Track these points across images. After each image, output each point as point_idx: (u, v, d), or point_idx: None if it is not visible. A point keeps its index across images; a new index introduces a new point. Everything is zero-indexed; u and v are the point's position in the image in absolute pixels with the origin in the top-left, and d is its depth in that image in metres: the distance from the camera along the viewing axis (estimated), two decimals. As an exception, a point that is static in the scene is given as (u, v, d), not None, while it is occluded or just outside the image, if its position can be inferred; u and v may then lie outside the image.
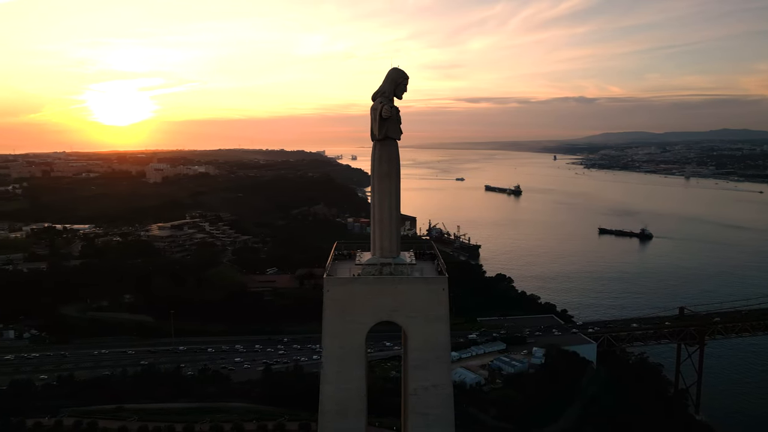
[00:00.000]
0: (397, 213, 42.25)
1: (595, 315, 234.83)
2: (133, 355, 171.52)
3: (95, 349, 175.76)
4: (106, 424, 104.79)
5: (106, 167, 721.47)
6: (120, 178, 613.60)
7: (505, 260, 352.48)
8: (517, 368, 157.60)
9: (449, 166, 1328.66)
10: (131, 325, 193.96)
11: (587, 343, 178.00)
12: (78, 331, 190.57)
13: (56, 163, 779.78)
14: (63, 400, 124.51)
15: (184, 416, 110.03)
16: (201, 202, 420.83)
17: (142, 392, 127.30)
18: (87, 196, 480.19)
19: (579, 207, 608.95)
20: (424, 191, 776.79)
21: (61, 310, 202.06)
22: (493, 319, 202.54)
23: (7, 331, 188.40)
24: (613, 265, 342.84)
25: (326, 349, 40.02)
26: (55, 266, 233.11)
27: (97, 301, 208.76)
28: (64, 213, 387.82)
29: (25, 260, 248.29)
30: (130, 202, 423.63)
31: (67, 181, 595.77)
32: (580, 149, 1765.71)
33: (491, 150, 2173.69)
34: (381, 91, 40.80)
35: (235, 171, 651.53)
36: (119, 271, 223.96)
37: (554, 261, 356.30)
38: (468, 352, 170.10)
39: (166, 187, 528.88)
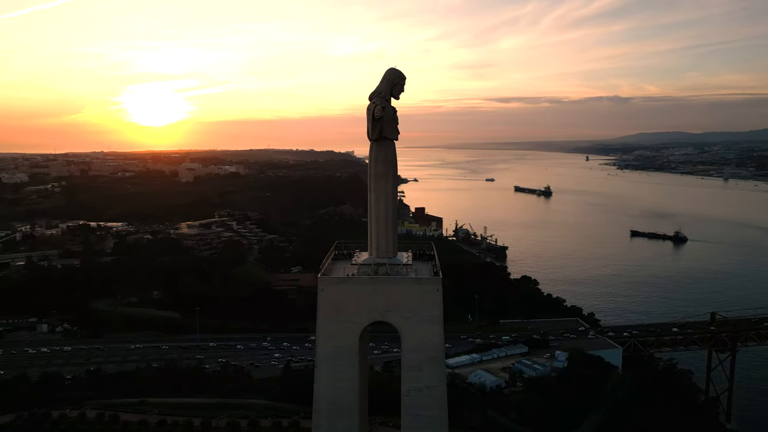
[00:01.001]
0: (394, 213, 42.19)
1: (623, 319, 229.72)
2: (159, 350, 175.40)
3: (124, 344, 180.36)
4: (128, 417, 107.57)
5: (141, 167, 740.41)
6: (154, 177, 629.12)
7: (532, 262, 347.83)
8: (539, 372, 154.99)
9: (478, 166, 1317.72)
10: (159, 320, 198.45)
11: (613, 348, 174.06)
12: (108, 325, 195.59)
13: (94, 162, 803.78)
14: (89, 392, 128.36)
15: (203, 411, 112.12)
16: (230, 201, 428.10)
17: (164, 386, 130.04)
18: (122, 194, 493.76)
19: (611, 208, 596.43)
20: (452, 192, 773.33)
21: (93, 305, 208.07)
22: (515, 321, 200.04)
23: (41, 325, 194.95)
24: (644, 269, 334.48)
25: (320, 348, 40.28)
26: (87, 262, 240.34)
27: (126, 297, 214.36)
28: (99, 211, 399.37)
29: (60, 256, 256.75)
30: (162, 200, 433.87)
31: (104, 180, 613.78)
32: (614, 150, 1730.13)
33: (522, 150, 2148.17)
34: (377, 91, 40.79)
35: (264, 171, 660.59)
36: (148, 268, 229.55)
37: (583, 263, 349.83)
38: (489, 355, 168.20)
39: (197, 187, 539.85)
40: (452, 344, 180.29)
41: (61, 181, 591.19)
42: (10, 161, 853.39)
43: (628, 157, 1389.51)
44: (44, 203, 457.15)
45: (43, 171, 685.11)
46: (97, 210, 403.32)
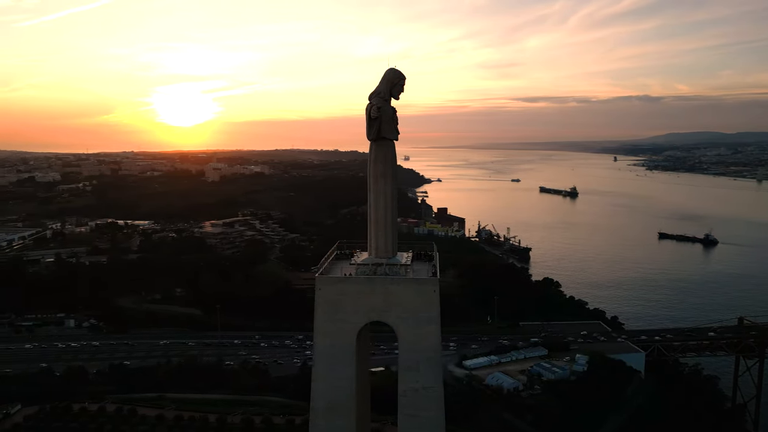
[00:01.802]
0: (393, 214, 42.12)
1: (648, 323, 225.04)
2: (180, 346, 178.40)
3: (148, 340, 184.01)
4: (146, 411, 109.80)
5: (169, 166, 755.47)
6: (181, 176, 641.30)
7: (556, 264, 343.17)
8: (558, 375, 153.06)
9: (503, 166, 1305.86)
10: (181, 317, 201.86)
11: (635, 352, 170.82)
12: (133, 322, 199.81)
13: (124, 162, 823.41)
14: (111, 386, 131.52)
15: (219, 407, 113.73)
16: (254, 200, 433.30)
17: (184, 382, 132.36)
18: (149, 193, 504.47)
19: (639, 210, 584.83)
20: (476, 192, 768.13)
21: (118, 301, 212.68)
22: (535, 323, 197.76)
23: (69, 320, 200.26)
24: (672, 272, 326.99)
25: (317, 347, 40.51)
26: (114, 260, 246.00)
27: (151, 294, 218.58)
28: (128, 209, 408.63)
29: (88, 253, 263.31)
30: (188, 199, 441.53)
31: (133, 179, 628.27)
32: (643, 150, 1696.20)
33: (548, 150, 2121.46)
34: (377, 91, 40.81)
35: (288, 171, 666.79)
36: (172, 266, 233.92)
37: (608, 266, 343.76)
38: (507, 357, 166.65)
39: (222, 186, 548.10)
40: (470, 345, 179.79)
41: (92, 180, 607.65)
42: (44, 160, 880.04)
43: (658, 158, 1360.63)
44: (75, 202, 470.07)
45: (76, 170, 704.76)
46: (126, 208, 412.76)
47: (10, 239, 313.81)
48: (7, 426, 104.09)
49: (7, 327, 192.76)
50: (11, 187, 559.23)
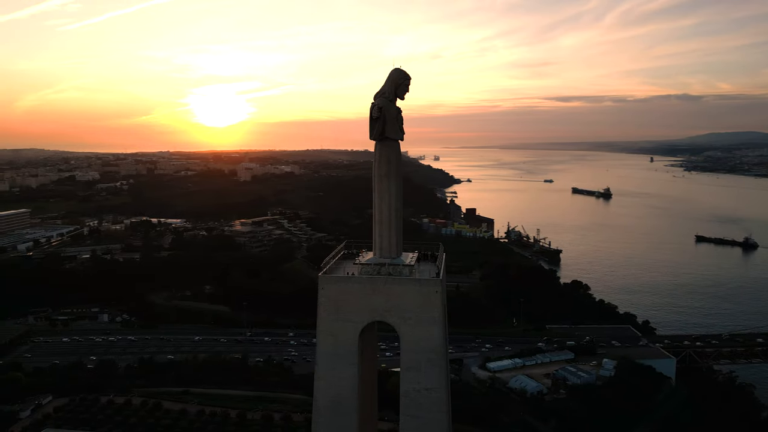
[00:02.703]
0: (397, 214, 42.02)
1: (681, 329, 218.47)
2: (208, 342, 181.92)
3: (177, 335, 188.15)
4: (170, 405, 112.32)
5: (203, 166, 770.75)
6: (214, 176, 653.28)
7: (587, 266, 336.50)
8: (584, 379, 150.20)
9: (535, 167, 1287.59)
10: (209, 314, 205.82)
11: (666, 358, 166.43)
12: (163, 317, 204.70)
13: (160, 161, 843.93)
14: (139, 380, 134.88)
15: (241, 403, 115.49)
16: (284, 200, 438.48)
17: (209, 378, 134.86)
18: (183, 192, 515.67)
19: (675, 212, 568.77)
20: (507, 193, 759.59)
21: (150, 297, 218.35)
22: (563, 326, 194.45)
23: (102, 315, 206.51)
24: (708, 276, 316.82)
25: (320, 346, 40.72)
26: (146, 257, 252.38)
27: (181, 291, 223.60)
28: (162, 208, 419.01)
29: (122, 250, 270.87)
30: (220, 198, 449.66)
31: (168, 178, 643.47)
32: (681, 150, 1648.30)
33: (581, 151, 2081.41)
34: (382, 92, 40.77)
35: (318, 171, 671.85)
36: (202, 264, 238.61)
37: (641, 269, 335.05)
38: (533, 360, 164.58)
39: (253, 185, 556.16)
40: (494, 347, 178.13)
41: (129, 179, 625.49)
42: (85, 160, 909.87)
43: (697, 158, 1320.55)
44: (112, 200, 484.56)
45: (114, 169, 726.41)
46: (160, 207, 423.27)
47: (49, 236, 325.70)
48: (38, 416, 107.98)
49: (44, 320, 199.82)
50: (52, 185, 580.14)
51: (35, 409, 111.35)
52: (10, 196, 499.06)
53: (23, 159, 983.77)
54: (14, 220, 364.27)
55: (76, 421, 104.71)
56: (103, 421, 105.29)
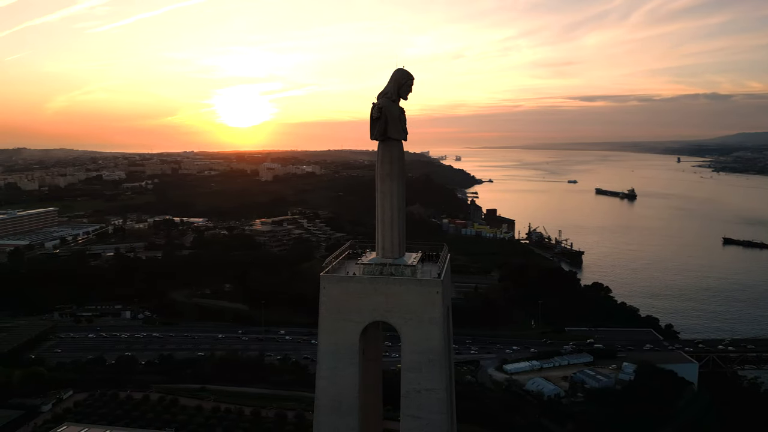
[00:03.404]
0: (400, 214, 41.99)
1: (705, 333, 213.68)
2: (226, 339, 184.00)
3: (197, 333, 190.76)
4: (186, 401, 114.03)
5: (226, 166, 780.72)
6: (236, 175, 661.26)
7: (609, 268, 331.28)
8: (603, 383, 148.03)
9: (558, 167, 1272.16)
10: (229, 312, 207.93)
11: (688, 362, 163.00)
12: (184, 315, 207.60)
13: (184, 161, 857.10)
14: (159, 376, 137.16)
15: (256, 401, 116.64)
16: (304, 199, 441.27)
17: (225, 375, 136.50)
18: (206, 192, 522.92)
19: (702, 214, 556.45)
20: (529, 193, 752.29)
21: (171, 295, 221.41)
22: (582, 329, 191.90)
23: (125, 312, 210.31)
24: (735, 280, 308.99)
25: (321, 345, 40.94)
26: (168, 255, 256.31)
27: (201, 289, 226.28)
28: (185, 207, 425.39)
29: (145, 249, 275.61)
30: (241, 198, 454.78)
31: (192, 178, 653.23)
32: (710, 151, 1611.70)
33: (606, 151, 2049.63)
34: (384, 92, 40.81)
35: (339, 171, 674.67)
36: (222, 262, 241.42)
37: (666, 272, 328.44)
38: (550, 363, 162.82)
39: (275, 185, 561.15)
40: (512, 349, 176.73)
41: (154, 178, 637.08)
42: (112, 160, 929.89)
43: (726, 159, 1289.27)
44: (137, 199, 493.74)
45: (139, 169, 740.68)
46: (183, 206, 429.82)
47: (76, 234, 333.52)
48: (59, 410, 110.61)
49: (69, 317, 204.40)
50: (80, 185, 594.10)
51: (56, 403, 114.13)
52: (40, 195, 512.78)
53: (53, 159, 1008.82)
54: (42, 219, 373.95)
55: (94, 415, 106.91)
56: (121, 416, 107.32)
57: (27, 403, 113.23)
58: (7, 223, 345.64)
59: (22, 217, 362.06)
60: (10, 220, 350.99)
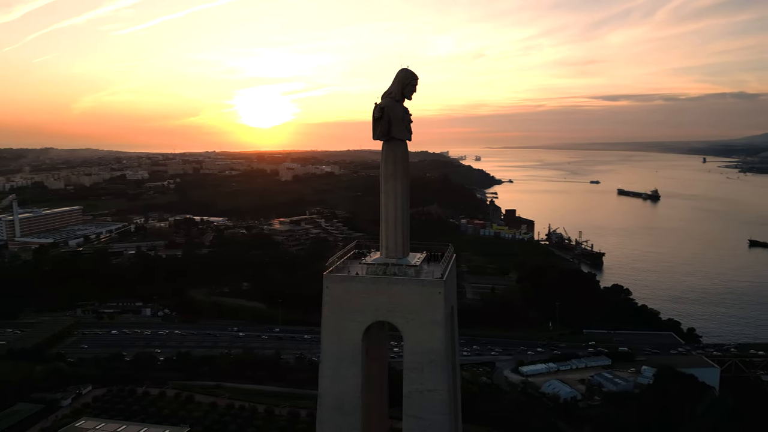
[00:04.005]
0: (404, 214, 41.92)
1: (728, 337, 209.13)
2: (243, 337, 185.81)
3: (215, 330, 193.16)
4: (201, 398, 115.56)
5: (247, 166, 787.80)
6: (256, 175, 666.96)
7: (630, 271, 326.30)
8: (621, 386, 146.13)
9: (580, 167, 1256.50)
10: (246, 310, 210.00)
11: (709, 367, 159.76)
12: (202, 313, 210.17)
13: (206, 161, 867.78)
14: (176, 373, 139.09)
15: (270, 399, 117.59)
16: (323, 199, 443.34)
17: (241, 373, 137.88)
18: (227, 191, 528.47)
19: (727, 215, 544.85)
20: (549, 194, 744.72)
21: (190, 293, 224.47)
22: (601, 332, 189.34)
23: (145, 309, 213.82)
24: (761, 283, 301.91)
25: (324, 345, 41.02)
26: (188, 254, 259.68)
27: (219, 287, 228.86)
28: (206, 206, 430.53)
29: (165, 247, 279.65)
30: (261, 198, 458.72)
31: (213, 177, 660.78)
32: (737, 151, 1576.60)
33: (629, 151, 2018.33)
34: (388, 92, 40.79)
35: (358, 171, 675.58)
36: (241, 261, 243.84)
37: (689, 275, 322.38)
38: (567, 365, 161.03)
39: (294, 185, 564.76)
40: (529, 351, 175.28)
41: (176, 178, 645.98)
42: (136, 159, 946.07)
43: (753, 159, 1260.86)
44: (159, 198, 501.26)
45: (162, 169, 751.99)
46: (204, 205, 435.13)
47: (99, 232, 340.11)
48: (78, 405, 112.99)
49: (91, 313, 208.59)
50: (105, 184, 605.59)
51: (75, 398, 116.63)
52: (65, 194, 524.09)
53: (79, 158, 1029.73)
54: (67, 217, 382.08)
55: (112, 410, 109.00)
56: (138, 412, 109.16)
57: (47, 397, 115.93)
58: (32, 221, 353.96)
59: (47, 216, 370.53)
60: (35, 218, 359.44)
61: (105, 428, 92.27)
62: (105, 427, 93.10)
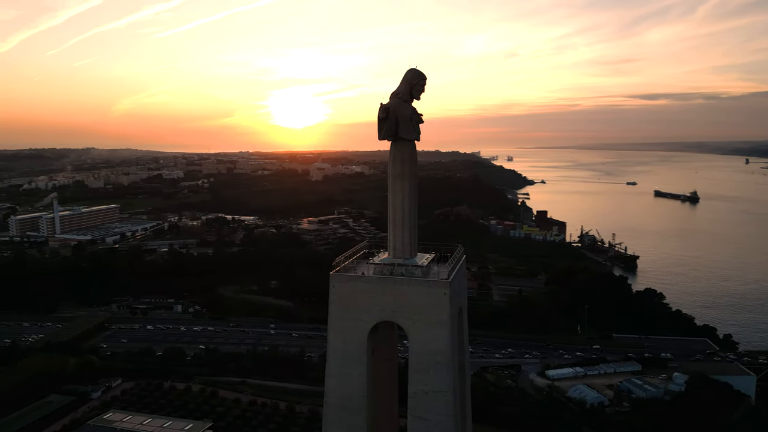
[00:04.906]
0: (411, 214, 41.82)
1: (767, 345, 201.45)
2: (273, 335, 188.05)
3: (243, 328, 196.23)
4: (225, 394, 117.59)
5: (279, 166, 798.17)
6: (288, 175, 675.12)
7: (665, 275, 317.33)
8: (650, 393, 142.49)
9: (615, 168, 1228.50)
10: (274, 308, 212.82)
11: (745, 375, 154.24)
12: (231, 310, 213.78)
13: (239, 161, 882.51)
14: (203, 368, 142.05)
15: (293, 396, 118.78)
16: (352, 199, 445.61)
17: (266, 370, 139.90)
18: (258, 191, 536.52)
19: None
20: (583, 195, 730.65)
21: (220, 290, 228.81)
22: (631, 336, 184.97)
23: (177, 305, 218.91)
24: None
25: (331, 344, 41.20)
26: (218, 252, 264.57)
27: (248, 285, 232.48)
28: (238, 205, 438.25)
29: (197, 245, 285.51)
30: (292, 197, 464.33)
31: (246, 177, 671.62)
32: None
33: (667, 152, 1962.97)
34: (396, 92, 40.70)
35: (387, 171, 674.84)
36: (269, 260, 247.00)
37: (728, 280, 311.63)
38: (595, 370, 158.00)
39: (324, 185, 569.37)
40: (555, 355, 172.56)
41: (210, 177, 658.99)
42: (172, 159, 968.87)
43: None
44: (193, 197, 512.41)
45: (197, 168, 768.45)
46: (236, 204, 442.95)
47: (134, 230, 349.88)
48: (107, 398, 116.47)
49: (125, 309, 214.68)
50: (142, 183, 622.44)
51: (105, 391, 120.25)
52: (105, 193, 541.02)
53: (119, 158, 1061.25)
54: (105, 215, 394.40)
55: (139, 404, 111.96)
56: (164, 406, 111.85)
57: (79, 389, 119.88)
58: (72, 218, 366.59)
59: (86, 214, 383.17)
60: (75, 216, 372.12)
61: (131, 421, 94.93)
62: (131, 419, 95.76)
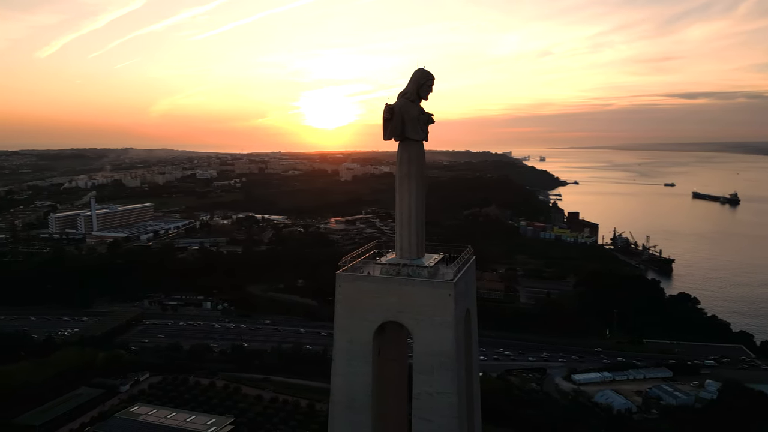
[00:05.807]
0: (418, 214, 41.68)
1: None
2: (296, 333, 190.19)
3: (269, 325, 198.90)
4: (248, 390, 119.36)
5: (309, 166, 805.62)
6: (318, 175, 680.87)
7: (701, 279, 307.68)
8: (681, 400, 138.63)
9: (651, 169, 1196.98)
10: (299, 307, 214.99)
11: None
12: (258, 308, 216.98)
13: (271, 161, 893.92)
14: (229, 365, 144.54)
15: (315, 394, 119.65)
16: (379, 199, 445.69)
17: (289, 367, 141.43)
18: (288, 190, 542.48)
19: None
20: (617, 196, 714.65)
21: (248, 288, 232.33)
22: (663, 342, 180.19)
23: (206, 303, 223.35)
24: None
25: (336, 342, 41.40)
26: (247, 250, 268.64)
27: (275, 283, 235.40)
28: (268, 205, 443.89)
29: (227, 244, 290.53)
30: (321, 197, 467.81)
31: (277, 177, 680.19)
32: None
33: (707, 152, 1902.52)
34: (404, 92, 40.64)
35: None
36: (297, 259, 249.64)
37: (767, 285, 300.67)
38: (623, 375, 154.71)
39: (352, 185, 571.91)
40: (583, 359, 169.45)
41: (242, 177, 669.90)
42: (206, 159, 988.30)
43: None
44: (226, 196, 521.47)
45: (230, 168, 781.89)
46: (267, 204, 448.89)
47: (167, 228, 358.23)
48: (135, 391, 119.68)
49: (157, 305, 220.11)
50: (176, 182, 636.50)
51: (133, 385, 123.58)
52: (141, 191, 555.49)
53: (155, 158, 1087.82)
54: (140, 213, 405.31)
55: (165, 398, 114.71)
56: (189, 400, 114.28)
57: (108, 382, 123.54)
58: (108, 216, 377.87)
59: (122, 212, 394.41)
60: (111, 213, 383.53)
61: (156, 414, 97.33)
62: (156, 413, 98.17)
